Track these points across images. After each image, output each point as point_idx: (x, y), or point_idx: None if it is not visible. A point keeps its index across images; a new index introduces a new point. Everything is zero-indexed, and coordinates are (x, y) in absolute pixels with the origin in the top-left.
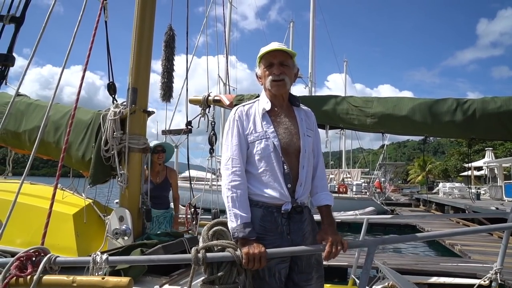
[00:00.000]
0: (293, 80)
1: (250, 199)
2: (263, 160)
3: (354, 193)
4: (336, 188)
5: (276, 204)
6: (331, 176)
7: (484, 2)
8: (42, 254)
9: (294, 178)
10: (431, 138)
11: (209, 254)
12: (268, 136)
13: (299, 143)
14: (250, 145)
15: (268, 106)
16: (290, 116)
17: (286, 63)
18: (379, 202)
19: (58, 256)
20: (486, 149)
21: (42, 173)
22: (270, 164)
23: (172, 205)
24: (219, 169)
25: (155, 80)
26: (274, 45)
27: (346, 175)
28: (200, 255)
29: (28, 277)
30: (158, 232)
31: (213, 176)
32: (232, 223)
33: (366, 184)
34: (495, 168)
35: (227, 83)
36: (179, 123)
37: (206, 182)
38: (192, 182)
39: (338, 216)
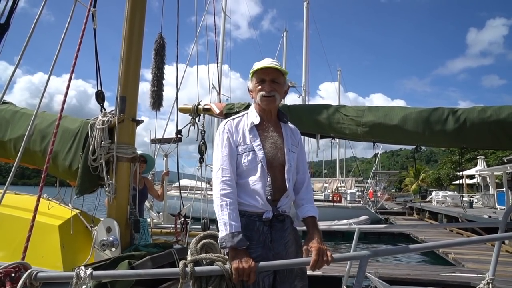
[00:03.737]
0: (283, 97)
1: None
2: (249, 172)
3: (348, 202)
4: (330, 197)
5: (257, 212)
6: (325, 185)
7: (473, 11)
8: (22, 269)
9: (277, 189)
10: (423, 147)
11: (197, 268)
12: (254, 149)
13: (284, 157)
14: (238, 157)
15: (256, 121)
16: (277, 131)
17: (278, 81)
18: (373, 211)
19: (40, 271)
20: (478, 157)
21: (33, 182)
22: (254, 176)
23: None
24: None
25: (147, 88)
26: (267, 62)
27: (340, 184)
28: (188, 269)
29: None
30: (147, 243)
31: (207, 186)
32: (221, 233)
33: (360, 192)
34: (487, 177)
35: (220, 92)
36: (172, 132)
37: (196, 191)
38: (186, 191)
39: (332, 225)
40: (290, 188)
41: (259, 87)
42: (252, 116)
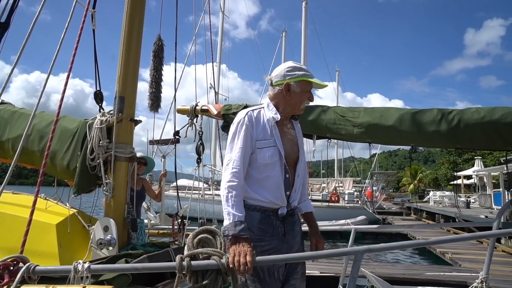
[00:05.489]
0: None
1: (248, 204)
2: (269, 167)
3: (346, 202)
4: (328, 197)
5: (273, 208)
6: (323, 185)
7: (470, 12)
8: (20, 263)
9: (291, 185)
10: (420, 147)
11: (194, 262)
12: (275, 144)
13: (298, 153)
14: (257, 151)
15: (277, 117)
16: (292, 128)
17: None
18: (371, 211)
19: (38, 265)
20: (475, 158)
21: (30, 182)
22: (275, 170)
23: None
24: (211, 178)
25: (145, 88)
26: (320, 81)
27: (338, 184)
28: (184, 263)
29: (5, 287)
30: (144, 243)
31: (205, 186)
32: (225, 222)
33: (358, 193)
34: (484, 177)
35: (218, 91)
36: (169, 131)
37: (193, 191)
38: (184, 191)
39: (328, 225)
40: (299, 183)
41: (308, 95)
42: (272, 112)
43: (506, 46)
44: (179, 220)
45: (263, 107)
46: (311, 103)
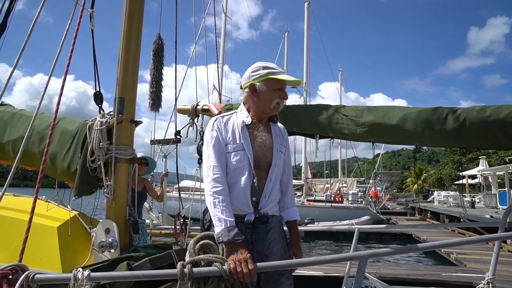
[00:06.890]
0: None
1: None
2: (236, 172)
3: (350, 202)
4: (332, 198)
5: (240, 214)
6: (327, 185)
7: (473, 10)
8: (19, 271)
9: (260, 191)
10: (424, 147)
11: (195, 269)
12: (243, 149)
13: (271, 157)
14: (227, 155)
15: (248, 121)
16: (267, 131)
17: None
18: (374, 211)
19: (37, 273)
20: (480, 157)
21: (35, 184)
22: (241, 176)
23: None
24: None
25: (147, 90)
26: (289, 76)
27: (342, 184)
28: (186, 270)
29: None
30: (145, 244)
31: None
32: (217, 228)
33: (362, 193)
34: (489, 177)
35: (220, 92)
36: (173, 132)
37: (195, 192)
38: (188, 192)
39: (332, 225)
40: (270, 189)
41: (279, 94)
42: (243, 116)
43: (510, 44)
44: (181, 220)
45: (237, 112)
46: (313, 103)
